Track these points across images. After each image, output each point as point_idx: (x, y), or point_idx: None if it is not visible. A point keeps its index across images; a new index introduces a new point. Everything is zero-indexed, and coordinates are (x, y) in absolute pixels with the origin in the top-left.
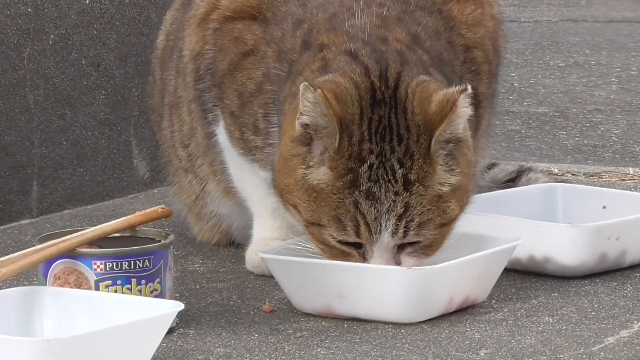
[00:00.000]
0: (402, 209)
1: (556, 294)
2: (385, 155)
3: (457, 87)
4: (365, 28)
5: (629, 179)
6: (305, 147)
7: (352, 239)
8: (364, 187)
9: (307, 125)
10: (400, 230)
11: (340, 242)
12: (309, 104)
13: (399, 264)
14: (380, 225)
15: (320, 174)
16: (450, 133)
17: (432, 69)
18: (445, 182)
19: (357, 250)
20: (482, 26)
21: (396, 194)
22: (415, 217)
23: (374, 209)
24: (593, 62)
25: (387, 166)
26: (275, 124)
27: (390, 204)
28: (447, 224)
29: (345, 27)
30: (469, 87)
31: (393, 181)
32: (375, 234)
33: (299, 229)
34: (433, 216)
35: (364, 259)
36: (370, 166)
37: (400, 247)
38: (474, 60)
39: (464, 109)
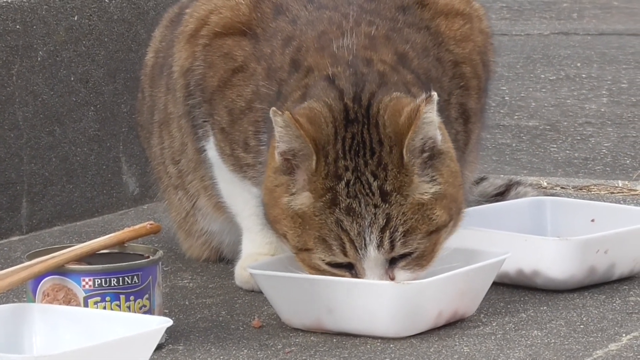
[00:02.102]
0: (384, 221)
1: (545, 307)
2: (360, 170)
3: (423, 96)
4: (352, 49)
5: (618, 192)
6: (287, 176)
7: (340, 258)
8: (343, 204)
9: (284, 152)
10: (386, 243)
11: (330, 264)
12: (280, 129)
13: (393, 279)
14: (365, 240)
15: (302, 199)
16: (422, 139)
17: (415, 89)
18: (426, 192)
19: (349, 272)
20: (470, 41)
21: (375, 206)
22: (398, 227)
23: (356, 224)
24: (584, 75)
25: (363, 180)
26: (265, 142)
27: (372, 218)
28: (435, 232)
29: (333, 48)
30: (435, 94)
31: (370, 194)
32: (361, 250)
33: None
34: (418, 224)
35: (357, 278)
36: (347, 182)
37: (393, 262)
38: (463, 76)
39: (428, 115)
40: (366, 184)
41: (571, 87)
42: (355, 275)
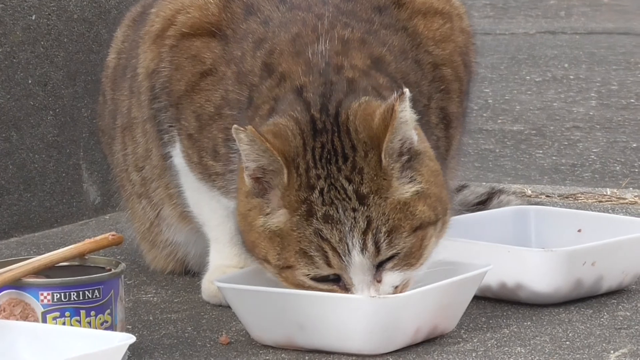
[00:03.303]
0: (365, 223)
1: (529, 322)
2: (333, 177)
3: (395, 94)
4: (325, 55)
5: (606, 201)
6: (260, 199)
7: (325, 270)
8: (320, 213)
9: (253, 170)
10: (370, 246)
11: (315, 279)
12: (246, 146)
13: (379, 281)
14: (347, 245)
15: (278, 217)
16: (400, 140)
17: (387, 92)
18: (406, 191)
19: (336, 285)
20: (451, 41)
21: (354, 210)
22: (381, 228)
23: (336, 230)
24: (572, 77)
25: (337, 186)
26: (236, 149)
27: (352, 222)
28: (420, 228)
29: (308, 54)
30: (407, 90)
31: (347, 199)
32: (345, 257)
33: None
34: (400, 222)
35: (345, 290)
36: (321, 191)
37: (379, 267)
38: (443, 79)
39: (404, 113)
40: (341, 189)
41: (558, 89)
42: (344, 287)
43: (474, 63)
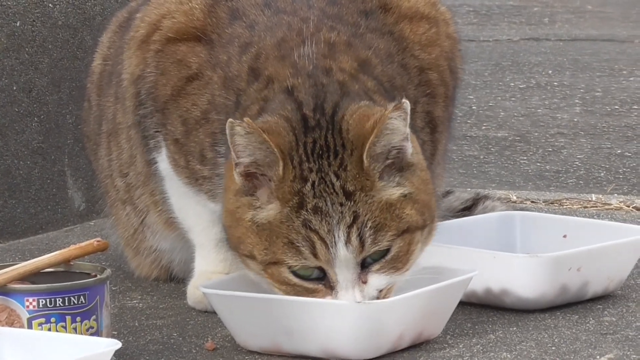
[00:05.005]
0: (351, 218)
1: (514, 328)
2: (324, 171)
3: (392, 103)
4: (312, 58)
5: (592, 206)
6: (250, 197)
7: (311, 262)
8: (310, 205)
9: (247, 165)
10: (354, 239)
11: (301, 277)
12: (241, 138)
13: (365, 282)
14: (334, 237)
15: (268, 210)
16: (384, 146)
17: (377, 96)
18: (393, 193)
19: (320, 283)
20: (437, 46)
21: (341, 205)
22: (367, 223)
23: (325, 222)
24: (556, 83)
25: (327, 180)
26: (223, 154)
27: (339, 216)
28: (407, 231)
29: (294, 57)
30: (406, 101)
31: (334, 194)
32: (332, 248)
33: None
34: (387, 222)
35: (330, 289)
36: (313, 183)
37: (366, 266)
38: (429, 83)
39: (393, 121)
40: (330, 183)
41: (542, 95)
42: (328, 284)
43: (459, 69)
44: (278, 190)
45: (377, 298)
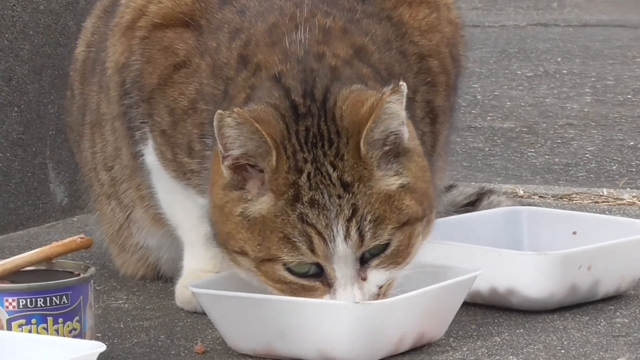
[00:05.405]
0: (350, 211)
1: (521, 330)
2: (319, 161)
3: (390, 86)
4: (304, 44)
5: (603, 201)
6: (239, 191)
7: (308, 258)
8: (306, 198)
9: (237, 158)
10: (353, 234)
11: (297, 274)
12: (232, 130)
13: (364, 279)
14: (333, 231)
15: (261, 203)
16: (382, 132)
17: (372, 82)
18: (392, 183)
19: (317, 280)
20: (437, 32)
21: (339, 197)
22: (367, 216)
23: (323, 216)
24: (565, 71)
25: (323, 171)
26: (211, 146)
27: (337, 209)
28: (408, 224)
29: (285, 43)
30: (403, 84)
31: (332, 185)
32: (330, 243)
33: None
34: (387, 214)
35: (328, 286)
36: (308, 175)
37: (365, 262)
38: (429, 71)
39: (391, 105)
40: (326, 174)
41: (551, 84)
42: (326, 281)
43: (462, 56)
44: (271, 182)
45: (377, 295)
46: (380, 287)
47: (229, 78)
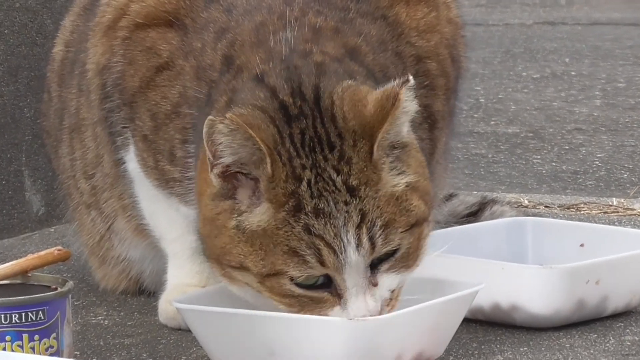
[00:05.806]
0: (359, 217)
1: (525, 348)
2: (320, 166)
3: (397, 80)
4: (290, 42)
5: (612, 212)
6: (231, 200)
7: (318, 270)
8: (309, 207)
9: (227, 167)
10: (365, 241)
11: (305, 287)
12: (224, 137)
13: (375, 285)
14: (343, 241)
15: (259, 214)
16: (396, 134)
17: (363, 80)
18: (398, 183)
19: (326, 291)
20: (436, 32)
21: (346, 203)
22: (376, 221)
23: (330, 225)
24: (573, 73)
25: (325, 177)
26: (193, 153)
27: (345, 216)
28: (416, 225)
29: (270, 43)
30: (411, 77)
31: (337, 191)
32: (341, 254)
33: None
34: (396, 217)
35: (338, 297)
36: (309, 182)
37: (374, 269)
38: (428, 73)
39: (408, 103)
40: (329, 180)
41: (558, 86)
42: (335, 291)
43: (463, 57)
44: (268, 191)
45: (390, 299)
46: (393, 291)
47: (212, 81)
